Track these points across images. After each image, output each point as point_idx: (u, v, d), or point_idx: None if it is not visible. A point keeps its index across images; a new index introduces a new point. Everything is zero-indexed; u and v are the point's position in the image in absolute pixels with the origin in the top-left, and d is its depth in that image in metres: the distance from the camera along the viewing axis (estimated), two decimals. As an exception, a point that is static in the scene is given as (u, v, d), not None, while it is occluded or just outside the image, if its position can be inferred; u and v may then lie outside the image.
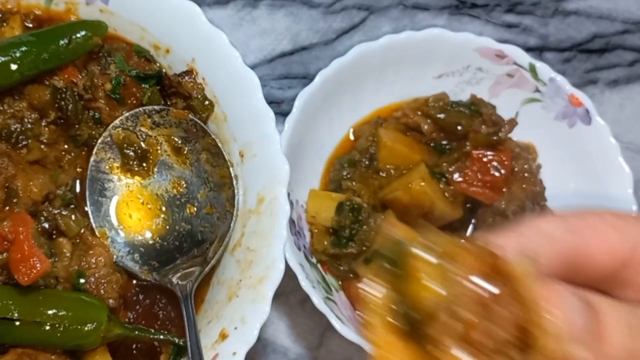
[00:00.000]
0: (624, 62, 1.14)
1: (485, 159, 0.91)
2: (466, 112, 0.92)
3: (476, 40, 0.95)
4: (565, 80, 0.95)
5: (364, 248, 0.88)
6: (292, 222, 0.84)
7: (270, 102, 0.80)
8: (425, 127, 0.93)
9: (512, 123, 0.93)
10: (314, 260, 0.89)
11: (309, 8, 1.09)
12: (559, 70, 0.99)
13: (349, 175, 0.92)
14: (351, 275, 0.89)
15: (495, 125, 0.91)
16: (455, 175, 0.90)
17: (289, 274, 0.80)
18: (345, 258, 0.89)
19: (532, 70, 0.96)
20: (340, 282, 0.91)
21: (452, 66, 0.98)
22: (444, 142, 0.93)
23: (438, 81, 0.98)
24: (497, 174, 0.90)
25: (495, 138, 0.91)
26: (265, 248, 0.76)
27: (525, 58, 0.96)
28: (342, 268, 0.90)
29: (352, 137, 0.98)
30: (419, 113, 0.94)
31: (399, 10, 1.11)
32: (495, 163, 0.90)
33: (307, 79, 1.06)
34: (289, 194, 0.76)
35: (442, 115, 0.92)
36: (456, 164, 0.91)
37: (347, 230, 0.88)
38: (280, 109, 1.04)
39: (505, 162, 0.91)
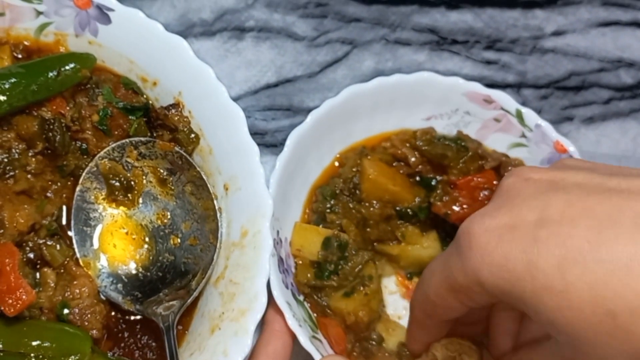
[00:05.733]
0: (600, 100, 1.17)
1: (472, 183, 0.92)
2: (452, 145, 0.94)
3: (465, 84, 0.97)
4: (550, 127, 0.96)
5: (345, 283, 0.88)
6: (280, 259, 0.85)
7: (254, 134, 0.81)
8: (413, 159, 0.94)
9: (499, 157, 0.95)
10: (301, 298, 0.89)
11: (293, 41, 1.10)
12: (536, 107, 1.01)
13: (333, 208, 0.93)
14: (328, 310, 0.89)
15: (481, 159, 0.94)
16: (456, 208, 0.92)
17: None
18: (326, 290, 0.89)
19: (519, 116, 0.97)
20: (316, 316, 0.91)
21: (440, 109, 0.99)
22: (430, 176, 0.95)
23: (427, 123, 0.99)
24: (487, 192, 0.92)
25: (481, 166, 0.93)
26: (248, 281, 0.77)
27: (512, 104, 0.97)
28: (322, 302, 0.90)
29: (336, 164, 0.99)
30: (407, 145, 0.95)
31: (381, 45, 1.13)
32: (482, 185, 0.92)
33: (291, 110, 1.07)
34: (278, 232, 0.77)
35: (429, 147, 0.94)
36: (445, 197, 0.92)
37: (333, 265, 0.89)
38: (264, 140, 1.05)
39: (493, 182, 0.92)
